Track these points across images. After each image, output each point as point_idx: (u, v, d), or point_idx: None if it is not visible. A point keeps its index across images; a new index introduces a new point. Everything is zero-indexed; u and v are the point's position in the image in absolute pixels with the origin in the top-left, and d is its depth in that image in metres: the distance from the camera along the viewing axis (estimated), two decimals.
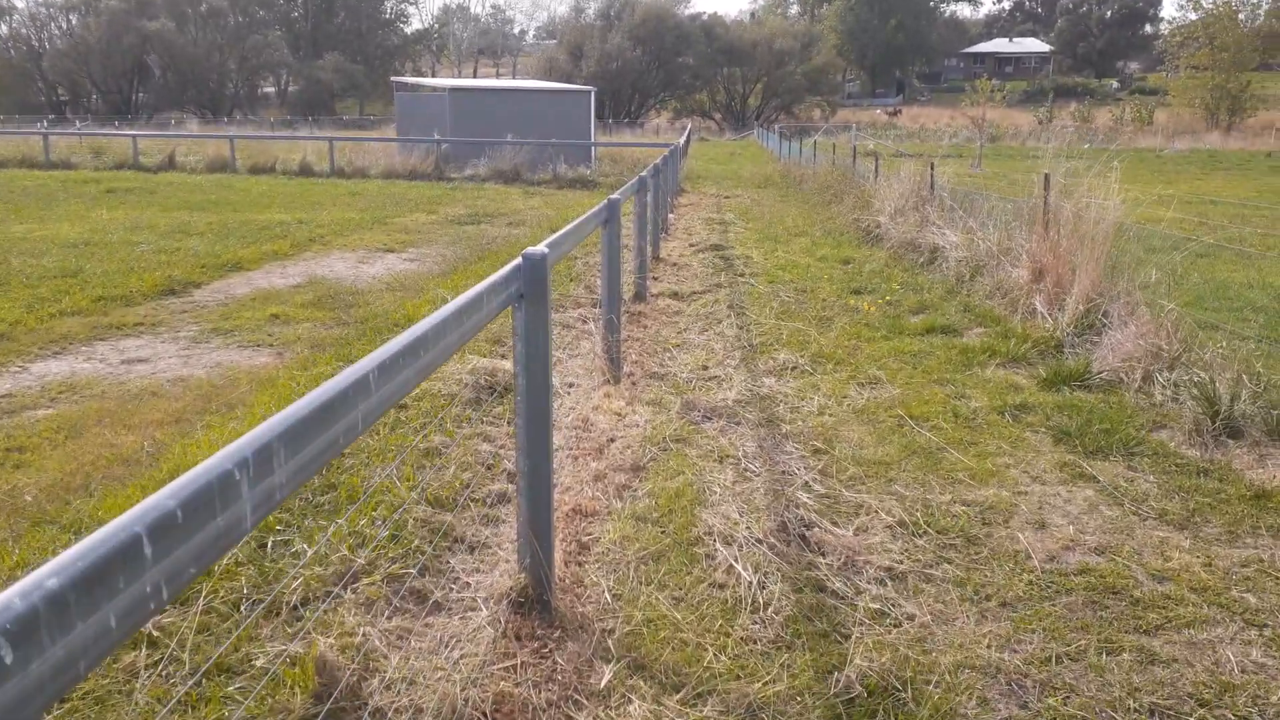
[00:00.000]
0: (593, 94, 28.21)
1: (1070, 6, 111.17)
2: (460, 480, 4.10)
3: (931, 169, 11.89)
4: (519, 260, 2.96)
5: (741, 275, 10.14)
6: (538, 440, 2.99)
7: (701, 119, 75.52)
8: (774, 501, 3.99)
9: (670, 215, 16.13)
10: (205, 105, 78.68)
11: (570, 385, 5.74)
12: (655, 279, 9.99)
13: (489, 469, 4.32)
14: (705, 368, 6.37)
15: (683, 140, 29.65)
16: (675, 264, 11.02)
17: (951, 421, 5.25)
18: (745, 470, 4.41)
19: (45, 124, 29.30)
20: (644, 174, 8.51)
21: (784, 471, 4.38)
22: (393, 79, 35.24)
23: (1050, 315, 7.13)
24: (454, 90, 25.95)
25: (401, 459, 4.37)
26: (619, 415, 5.25)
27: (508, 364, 5.72)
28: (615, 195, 5.68)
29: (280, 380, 5.97)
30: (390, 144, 26.97)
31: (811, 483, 4.23)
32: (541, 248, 3.06)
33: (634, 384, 5.94)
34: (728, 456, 4.61)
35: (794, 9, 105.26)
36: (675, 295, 9.04)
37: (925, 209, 11.40)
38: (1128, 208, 7.50)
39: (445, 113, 25.48)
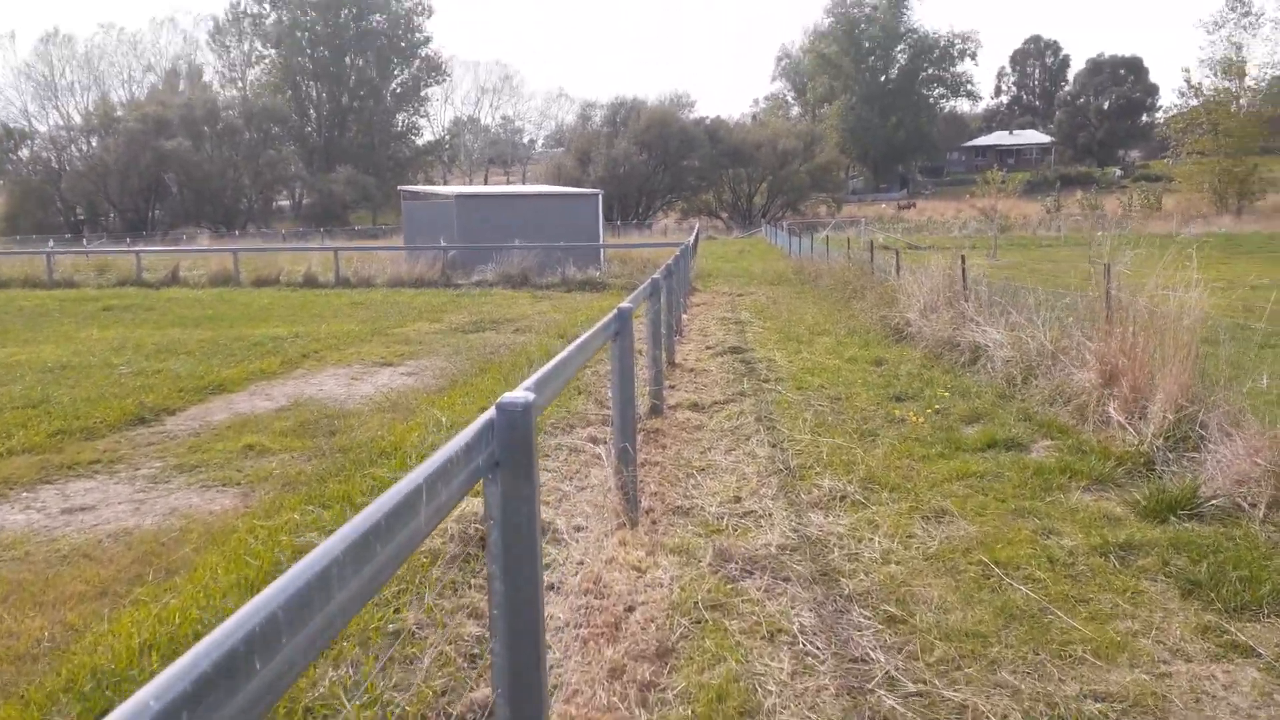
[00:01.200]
0: (599, 196, 27.97)
1: (1069, 99, 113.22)
2: (432, 688, 3.13)
3: (963, 262, 11.12)
4: (490, 414, 2.08)
5: (766, 381, 9.26)
6: (524, 678, 2.05)
7: (708, 218, 76.05)
8: (851, 710, 3.00)
9: (684, 315, 15.39)
10: (219, 220, 79.87)
11: (578, 529, 4.80)
12: (672, 387, 9.13)
13: (473, 662, 3.35)
14: (738, 499, 5.43)
15: (691, 239, 29.27)
16: (693, 370, 10.17)
17: (1047, 569, 4.27)
18: (805, 654, 3.43)
19: (52, 243, 29.10)
20: (656, 276, 7.75)
21: (856, 658, 3.39)
22: (400, 188, 35.30)
23: (1130, 426, 6.19)
24: (460, 197, 25.72)
25: (361, 652, 3.41)
26: (638, 570, 4.29)
27: None
28: (626, 303, 4.86)
29: (238, 533, 5.05)
30: (397, 252, 26.62)
31: (895, 674, 3.24)
32: (522, 393, 2.19)
33: (654, 523, 5.00)
34: (779, 632, 3.64)
35: (795, 110, 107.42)
36: (695, 406, 8.15)
37: (960, 304, 10.58)
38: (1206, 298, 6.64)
39: (452, 219, 25.17)
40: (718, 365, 10.35)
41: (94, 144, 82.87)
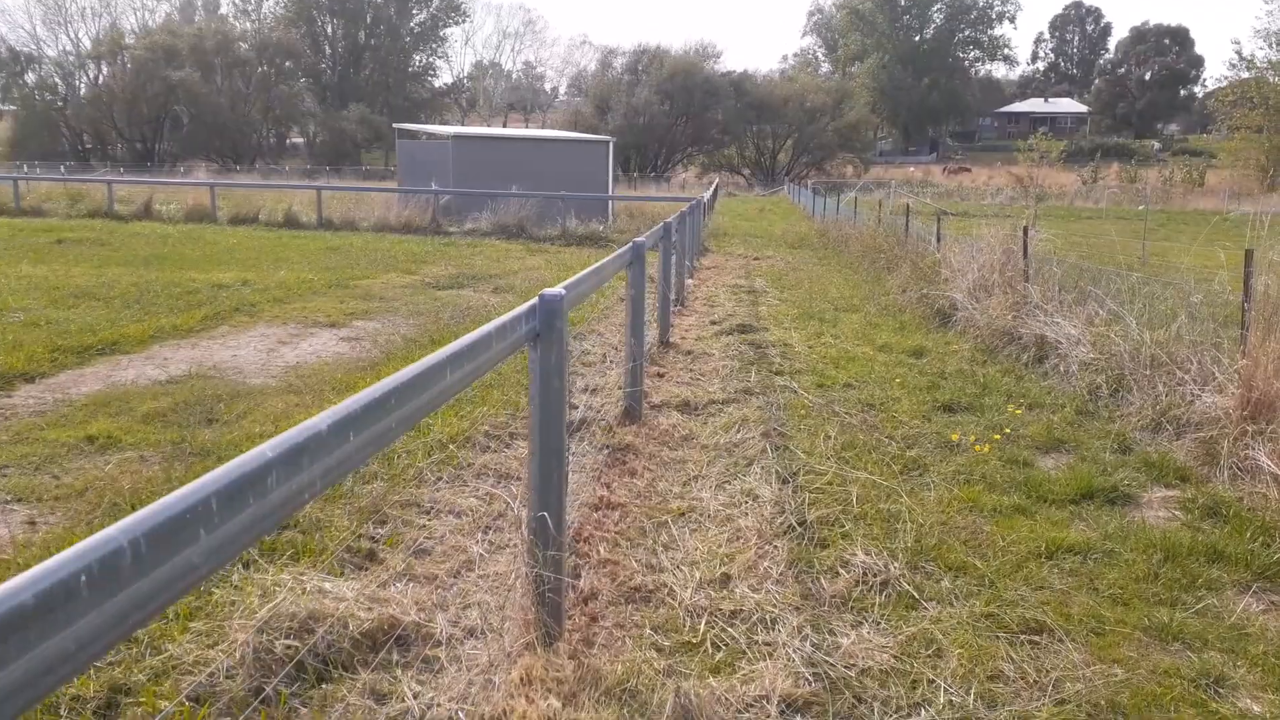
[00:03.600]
0: (610, 144, 25.87)
1: (1108, 67, 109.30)
2: None
3: (1025, 235, 9.17)
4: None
5: (780, 373, 7.42)
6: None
7: (730, 174, 73.50)
8: None
9: (690, 281, 13.50)
10: (228, 154, 77.89)
11: (471, 634, 3.03)
12: (660, 375, 7.31)
13: None
14: (726, 579, 3.63)
15: (708, 195, 27.22)
16: (690, 352, 8.33)
17: None
18: None
19: (28, 169, 27.35)
20: (640, 240, 5.85)
21: None
22: (395, 125, 33.21)
23: None
24: (457, 137, 23.71)
25: None
26: None
27: (344, 604, 3.01)
28: (556, 290, 3.01)
29: None
30: (390, 195, 24.70)
31: None
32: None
33: (591, 628, 3.22)
34: None
35: (825, 68, 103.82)
36: (686, 407, 6.33)
37: (1021, 287, 8.66)
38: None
39: (448, 161, 23.20)
40: (721, 348, 8.49)
41: (104, 71, 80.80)
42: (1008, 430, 5.64)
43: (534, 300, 2.94)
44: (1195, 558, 3.88)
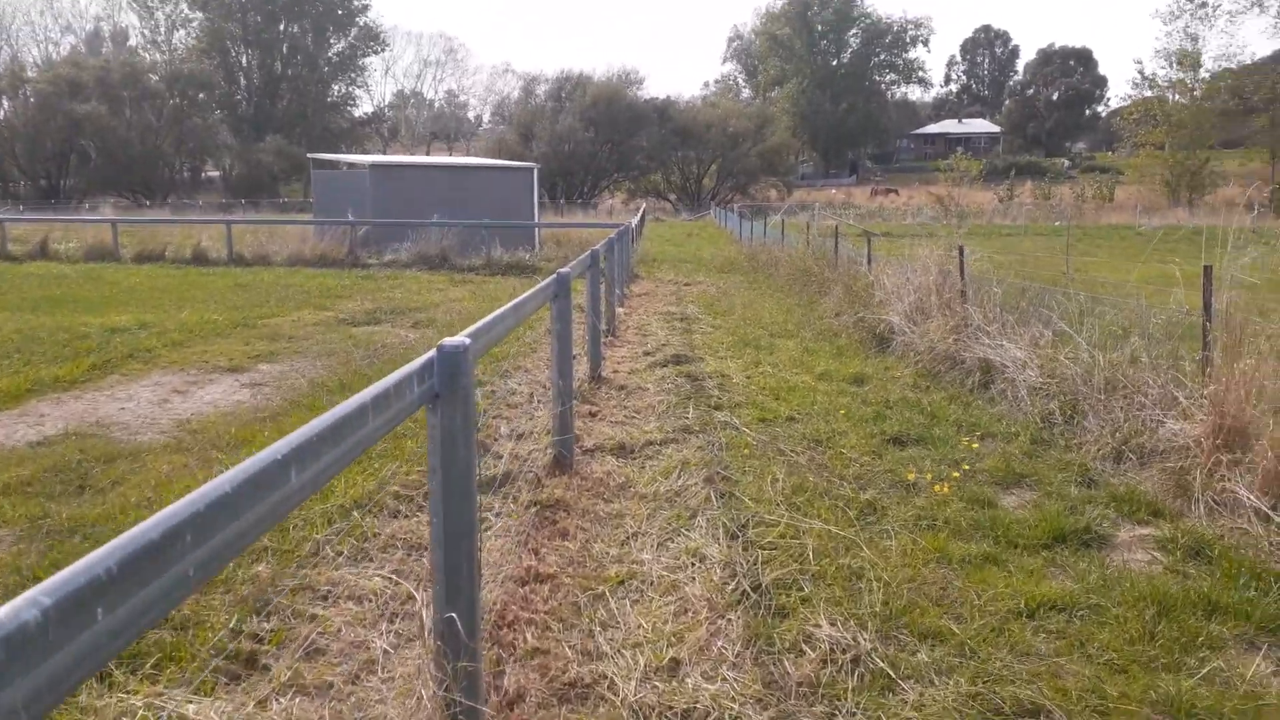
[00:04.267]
0: (535, 170, 25.38)
1: (1018, 89, 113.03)
2: None
3: (961, 255, 8.94)
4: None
5: (719, 408, 6.97)
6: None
7: (656, 199, 73.55)
8: None
9: (620, 310, 13.06)
10: (139, 189, 75.28)
11: None
12: (593, 414, 6.80)
13: None
14: (675, 669, 3.13)
15: (636, 220, 26.90)
16: (624, 387, 7.84)
17: None
18: None
19: None
20: (565, 271, 5.33)
21: None
22: (310, 155, 32.21)
23: None
24: (375, 166, 22.93)
25: None
26: None
27: None
28: (458, 340, 2.50)
29: None
30: (305, 227, 23.79)
31: None
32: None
33: None
34: None
35: (745, 93, 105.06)
36: (621, 451, 5.82)
37: (961, 308, 8.39)
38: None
39: (366, 191, 22.42)
40: (656, 381, 8.02)
41: (4, 105, 77.51)
42: (965, 467, 5.26)
43: (431, 353, 2.42)
44: (1190, 611, 3.51)
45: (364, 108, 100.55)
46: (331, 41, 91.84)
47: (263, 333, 11.18)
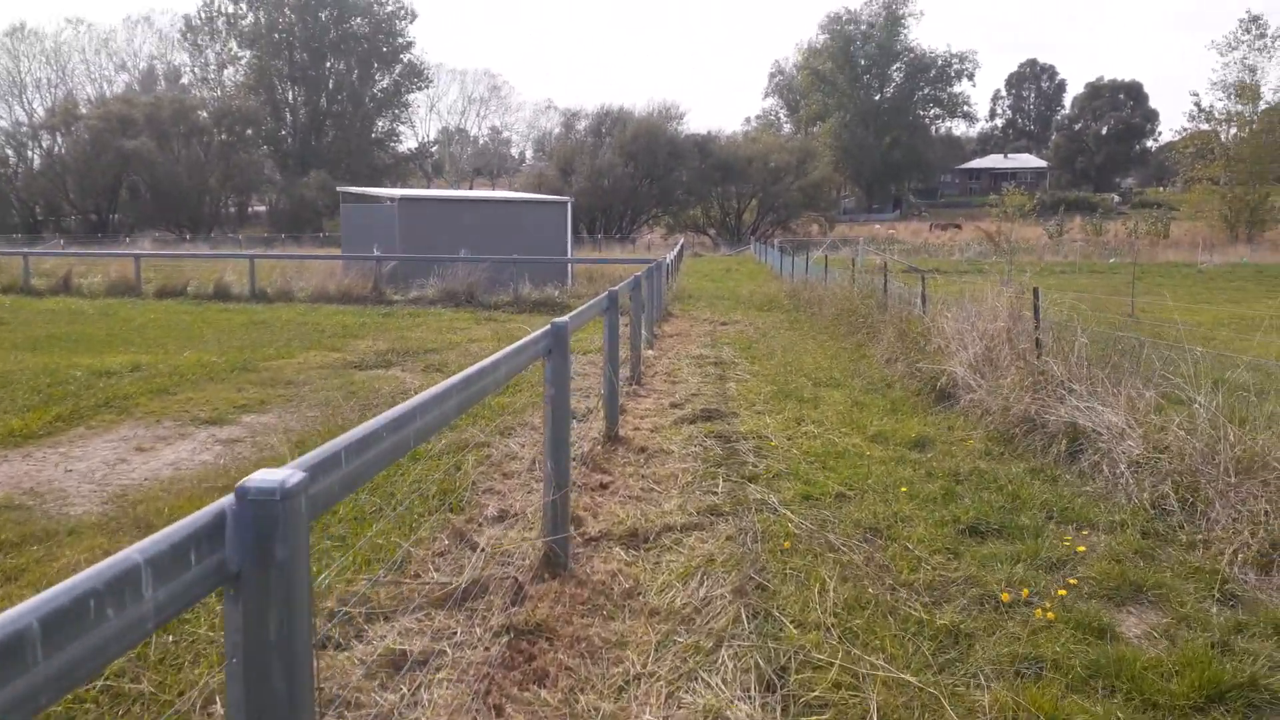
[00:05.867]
0: (569, 204, 24.56)
1: (1065, 123, 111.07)
2: None
3: (1036, 296, 7.78)
4: None
5: (754, 479, 5.88)
6: None
7: (696, 234, 72.78)
8: None
9: (650, 352, 12.04)
10: (185, 224, 76.26)
11: None
12: (604, 486, 5.76)
13: None
14: None
15: (673, 255, 25.96)
16: (644, 449, 6.78)
17: None
18: None
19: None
20: (562, 321, 4.27)
21: None
22: (339, 189, 31.77)
23: None
24: (404, 200, 22.26)
25: None
26: None
27: None
28: (273, 480, 1.48)
29: None
30: (334, 263, 23.17)
31: None
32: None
33: None
34: None
35: (787, 128, 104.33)
36: (632, 540, 4.76)
37: (1035, 360, 7.23)
38: None
39: (394, 225, 21.73)
40: (682, 442, 6.95)
41: (60, 142, 79.15)
42: (1072, 581, 4.10)
43: (222, 502, 1.41)
44: None
45: (408, 143, 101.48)
46: (376, 78, 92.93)
47: (261, 377, 10.31)
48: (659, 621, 3.74)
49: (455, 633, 3.46)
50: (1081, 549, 4.50)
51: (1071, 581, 4.08)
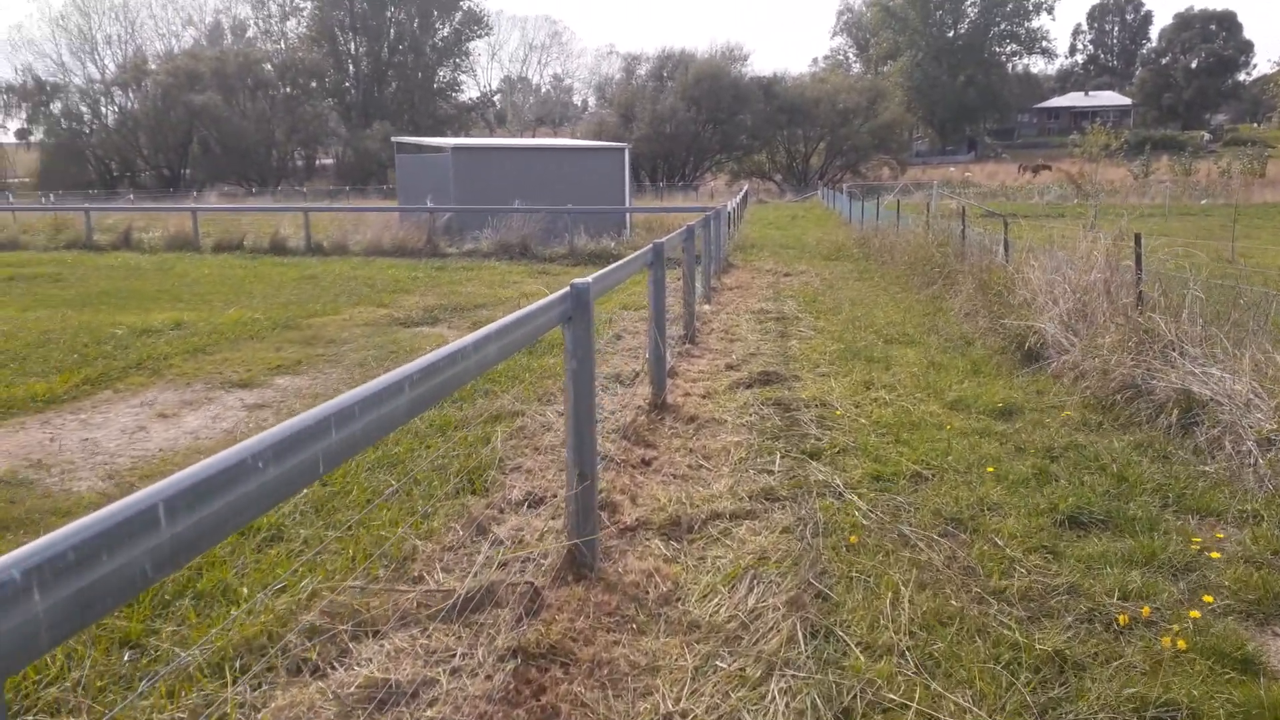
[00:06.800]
0: (626, 151, 23.76)
1: (1151, 57, 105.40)
2: None
3: (1138, 242, 6.89)
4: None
5: (815, 456, 5.23)
6: None
7: (761, 180, 71.09)
8: None
9: (707, 307, 11.35)
10: (253, 178, 77.20)
11: None
12: (646, 463, 5.17)
13: None
14: None
15: (735, 202, 25.03)
16: (694, 419, 6.16)
17: None
18: None
19: (11, 198, 25.95)
20: (584, 282, 3.61)
21: None
22: (393, 139, 31.36)
23: None
24: (458, 149, 21.72)
25: None
26: None
27: None
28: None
29: None
30: (390, 215, 22.83)
31: None
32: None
33: None
34: None
35: (857, 67, 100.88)
36: (673, 529, 4.17)
37: (1142, 316, 6.39)
38: None
39: (448, 176, 21.24)
40: (736, 410, 6.31)
41: (131, 99, 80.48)
42: (1208, 598, 3.39)
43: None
44: None
45: (470, 93, 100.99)
46: (437, 26, 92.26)
47: (303, 335, 9.94)
48: (698, 640, 3.15)
49: (454, 654, 2.92)
50: (1203, 547, 3.77)
51: (1207, 599, 3.36)
